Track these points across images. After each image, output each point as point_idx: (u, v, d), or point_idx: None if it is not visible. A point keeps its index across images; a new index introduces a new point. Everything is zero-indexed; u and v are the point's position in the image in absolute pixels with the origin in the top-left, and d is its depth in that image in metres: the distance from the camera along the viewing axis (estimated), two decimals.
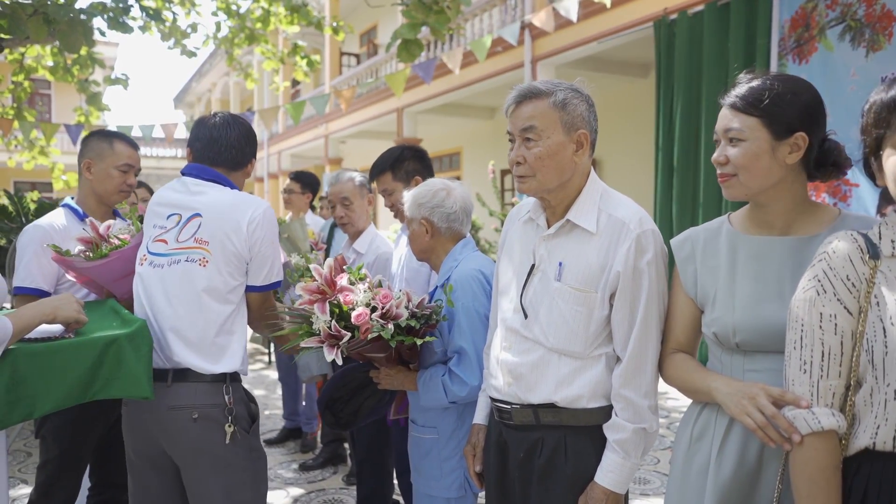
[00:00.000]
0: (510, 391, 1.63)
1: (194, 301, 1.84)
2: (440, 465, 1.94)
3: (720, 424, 1.40)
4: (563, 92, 1.55)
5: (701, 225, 1.56)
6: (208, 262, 1.85)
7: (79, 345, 1.72)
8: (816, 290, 1.19)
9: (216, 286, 1.85)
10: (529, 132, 1.55)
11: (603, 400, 1.57)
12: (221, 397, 1.83)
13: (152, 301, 1.87)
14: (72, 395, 1.73)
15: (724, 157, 1.40)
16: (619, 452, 1.52)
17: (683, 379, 1.48)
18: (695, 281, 1.49)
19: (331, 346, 1.74)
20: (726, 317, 1.39)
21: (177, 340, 1.83)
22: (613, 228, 1.54)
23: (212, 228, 1.86)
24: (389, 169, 2.59)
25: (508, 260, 1.73)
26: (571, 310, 1.55)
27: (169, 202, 1.95)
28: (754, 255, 1.41)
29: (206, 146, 2.00)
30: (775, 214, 1.41)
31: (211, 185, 1.96)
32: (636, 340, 1.51)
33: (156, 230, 1.93)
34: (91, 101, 9.28)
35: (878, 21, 4.82)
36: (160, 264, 1.88)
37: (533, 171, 1.56)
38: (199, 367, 1.82)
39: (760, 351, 1.36)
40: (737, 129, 1.37)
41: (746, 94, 1.38)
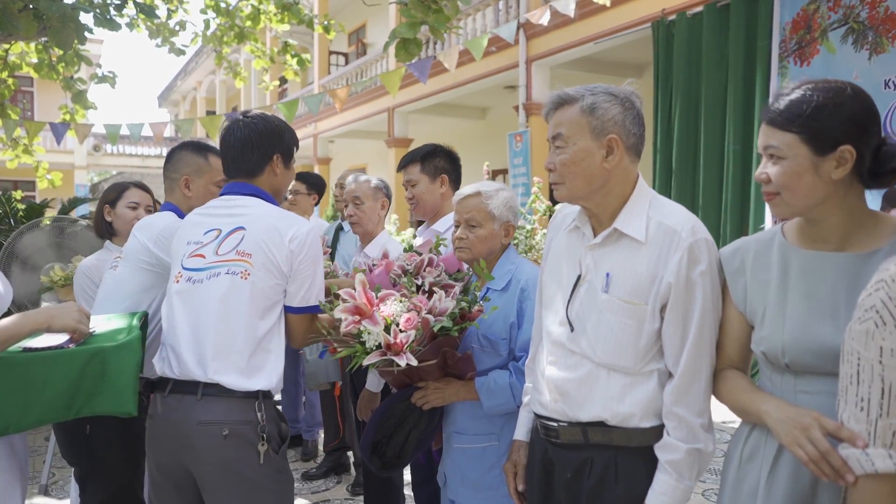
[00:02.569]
0: (557, 408, 1.55)
1: (233, 314, 1.76)
2: (501, 474, 1.84)
3: (770, 447, 1.33)
4: (594, 96, 1.49)
5: (753, 235, 1.49)
6: (250, 274, 1.78)
7: (58, 357, 1.64)
8: (875, 321, 1.10)
9: (257, 300, 1.78)
10: (558, 139, 1.52)
11: (655, 419, 1.49)
12: (254, 414, 1.74)
13: (191, 315, 1.78)
14: (54, 409, 1.65)
15: (765, 175, 1.32)
16: (671, 474, 1.44)
17: (734, 398, 1.41)
18: (744, 295, 1.41)
19: (397, 353, 1.65)
20: (776, 335, 1.32)
21: (214, 354, 1.74)
22: (664, 237, 1.46)
23: (255, 241, 1.80)
24: (420, 160, 2.55)
25: (553, 270, 1.65)
26: (620, 323, 1.47)
27: (205, 220, 1.89)
28: (807, 272, 1.33)
29: (224, 158, 1.95)
30: (829, 230, 1.33)
31: (250, 199, 1.89)
32: (689, 355, 1.44)
33: (190, 247, 1.86)
34: (76, 100, 9.09)
35: (881, 24, 4.81)
36: (198, 279, 1.80)
37: (562, 178, 1.52)
38: (233, 383, 1.73)
39: (812, 372, 1.28)
40: (775, 147, 1.29)
41: (784, 108, 1.30)
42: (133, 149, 23.05)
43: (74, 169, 21.39)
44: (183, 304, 1.80)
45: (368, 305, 1.72)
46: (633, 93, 1.54)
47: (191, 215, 1.96)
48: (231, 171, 1.94)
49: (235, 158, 1.91)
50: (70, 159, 21.37)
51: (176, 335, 1.79)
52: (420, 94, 10.90)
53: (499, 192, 1.98)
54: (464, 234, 1.96)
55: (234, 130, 1.91)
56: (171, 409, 1.75)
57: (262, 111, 1.97)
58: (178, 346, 1.77)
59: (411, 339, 1.66)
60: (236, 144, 1.90)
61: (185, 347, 1.76)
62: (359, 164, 17.88)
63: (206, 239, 1.84)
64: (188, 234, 1.88)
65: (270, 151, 1.92)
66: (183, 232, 1.91)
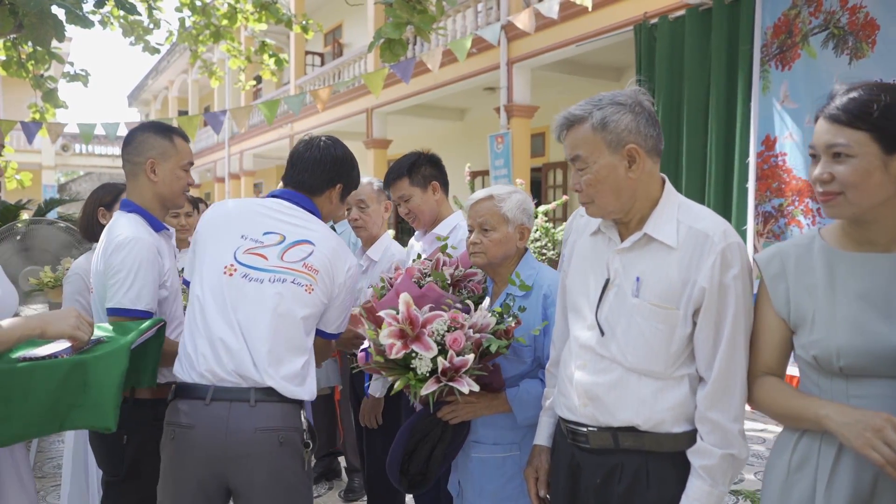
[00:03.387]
0: (586, 412, 1.54)
1: (291, 322, 1.75)
2: (522, 484, 1.80)
3: (826, 453, 1.33)
4: (601, 111, 1.48)
5: (789, 240, 1.49)
6: (314, 290, 1.79)
7: (39, 367, 1.55)
8: None
9: (313, 315, 1.81)
10: (577, 161, 1.51)
11: (687, 424, 1.48)
12: (300, 420, 1.75)
13: (244, 314, 1.74)
14: (37, 422, 1.56)
15: (828, 175, 1.31)
16: (706, 480, 1.44)
17: (781, 405, 1.40)
18: (787, 300, 1.41)
19: (457, 379, 1.60)
20: (828, 339, 1.32)
21: (271, 358, 1.71)
22: (696, 241, 1.46)
23: (323, 259, 1.81)
24: (406, 174, 2.50)
25: (578, 274, 1.64)
26: (651, 327, 1.47)
27: (262, 219, 1.86)
28: (857, 274, 1.34)
29: (291, 167, 1.97)
30: (881, 231, 1.34)
31: (310, 216, 1.91)
32: (722, 360, 1.43)
33: (245, 242, 1.81)
34: (47, 98, 8.87)
35: (861, 29, 4.90)
36: (258, 278, 1.77)
37: (590, 197, 1.51)
38: (287, 389, 1.71)
39: (866, 375, 1.29)
40: (843, 145, 1.28)
41: (852, 106, 1.29)
42: (102, 149, 22.63)
43: (42, 169, 20.91)
44: (234, 299, 1.75)
45: (413, 327, 1.63)
46: (640, 92, 1.53)
47: (240, 205, 1.93)
48: (292, 182, 1.94)
49: (303, 171, 1.92)
50: (38, 159, 20.88)
51: (222, 331, 1.72)
52: (399, 95, 10.86)
53: (511, 194, 1.96)
54: (478, 238, 1.93)
55: (313, 146, 1.95)
56: (217, 418, 1.68)
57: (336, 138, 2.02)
58: (227, 344, 1.70)
59: (470, 364, 1.60)
60: (311, 159, 1.93)
61: (235, 346, 1.70)
62: None
63: (266, 240, 1.81)
64: (241, 227, 1.83)
65: (337, 178, 1.95)
66: (230, 221, 1.86)
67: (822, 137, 1.32)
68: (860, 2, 4.89)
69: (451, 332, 1.63)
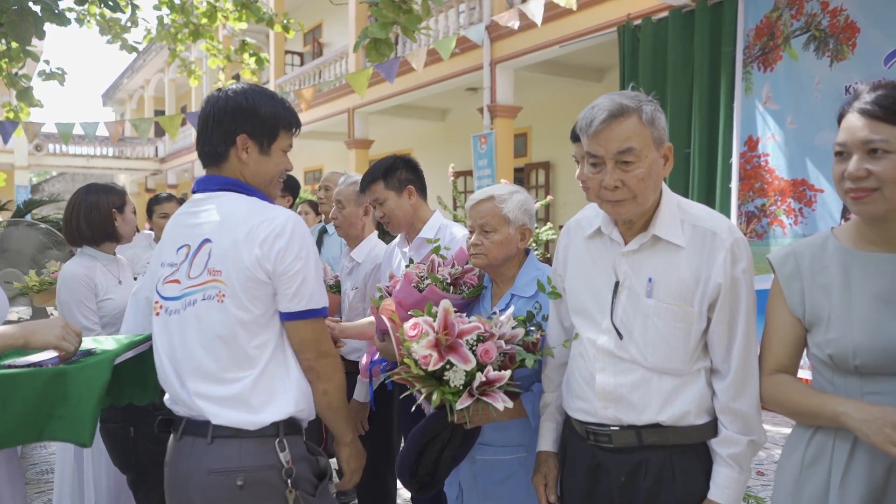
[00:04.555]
0: (608, 413, 1.55)
1: (220, 344, 1.52)
2: (529, 486, 1.79)
3: (841, 449, 1.34)
4: (648, 105, 1.47)
5: (802, 240, 1.50)
6: (225, 295, 1.52)
7: (18, 376, 1.53)
8: None
9: (241, 321, 1.52)
10: (627, 154, 1.44)
11: (707, 415, 1.52)
12: (275, 456, 1.49)
13: (173, 353, 1.57)
14: (15, 431, 1.54)
15: (864, 171, 1.30)
16: (734, 467, 1.47)
17: (795, 402, 1.42)
18: (802, 299, 1.43)
19: (490, 394, 1.56)
20: (845, 338, 1.34)
21: (208, 393, 1.51)
22: (703, 239, 1.48)
23: (222, 252, 1.52)
24: (381, 177, 2.49)
25: (580, 277, 1.64)
26: (669, 326, 1.48)
27: (177, 232, 1.63)
28: (873, 273, 1.36)
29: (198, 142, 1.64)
30: (893, 229, 1.35)
31: (221, 195, 1.60)
32: (740, 351, 1.47)
33: (164, 269, 1.62)
34: (22, 97, 8.69)
35: (841, 31, 4.98)
36: (175, 310, 1.56)
37: (633, 193, 1.46)
38: (238, 420, 1.49)
39: (882, 373, 1.31)
40: (881, 140, 1.28)
41: (888, 102, 1.29)
42: (77, 149, 22.23)
43: (14, 169, 20.50)
44: (166, 338, 1.58)
45: (449, 336, 1.57)
46: None
47: (168, 224, 1.70)
48: (201, 158, 1.65)
49: (201, 138, 1.61)
50: (10, 159, 20.49)
51: (165, 372, 1.59)
52: (381, 95, 10.82)
53: (513, 195, 1.95)
54: (479, 240, 1.92)
55: (204, 105, 1.63)
56: (181, 455, 1.55)
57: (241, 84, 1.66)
58: (170, 383, 1.58)
59: (506, 379, 1.56)
60: (202, 121, 1.61)
61: (176, 384, 1.56)
62: (315, 166, 17.66)
63: (178, 258, 1.59)
64: (163, 253, 1.65)
65: (234, 129, 1.58)
66: (160, 248, 1.68)
67: (857, 133, 1.30)
68: (841, 4, 4.97)
69: (481, 343, 1.59)
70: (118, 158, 23.35)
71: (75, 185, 19.89)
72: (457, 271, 1.99)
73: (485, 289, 2.02)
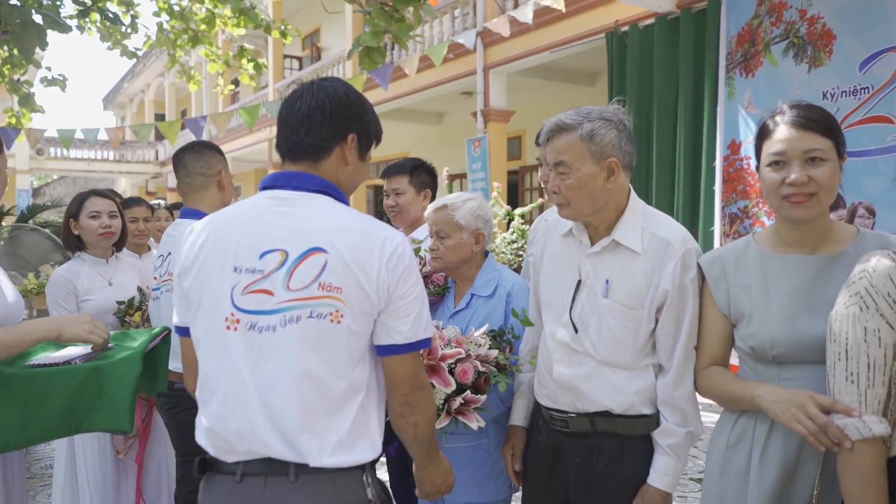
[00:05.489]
0: (565, 401, 1.71)
1: (327, 372, 1.32)
2: (492, 469, 1.97)
3: (760, 431, 1.49)
4: (591, 123, 1.61)
5: (727, 245, 1.65)
6: (343, 316, 1.31)
7: (56, 373, 1.65)
8: (859, 306, 1.29)
9: (353, 349, 1.34)
10: (561, 166, 1.63)
11: (652, 407, 1.67)
12: (362, 492, 1.35)
13: (261, 377, 1.32)
14: (53, 426, 1.65)
15: (806, 177, 1.42)
16: (671, 456, 1.63)
17: (722, 389, 1.57)
18: (727, 298, 1.58)
19: (466, 413, 1.70)
20: (763, 332, 1.49)
21: (304, 427, 1.30)
22: (658, 247, 1.62)
23: (343, 266, 1.32)
24: (409, 172, 2.70)
25: (551, 273, 1.79)
26: (620, 325, 1.63)
27: (256, 233, 1.36)
28: (787, 273, 1.50)
29: (280, 133, 1.44)
30: (813, 233, 1.50)
31: (318, 197, 1.39)
32: (681, 351, 1.62)
33: (241, 276, 1.34)
34: (23, 103, 8.85)
35: (819, 38, 5.13)
36: (267, 326, 1.32)
37: (567, 199, 1.65)
38: (336, 461, 1.31)
39: (795, 362, 1.46)
40: (821, 150, 1.42)
41: (817, 116, 1.45)
42: (77, 152, 22.40)
43: (16, 173, 20.66)
44: (247, 361, 1.32)
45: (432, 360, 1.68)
46: (623, 111, 1.69)
47: (224, 219, 1.42)
48: (286, 148, 1.43)
49: (297, 128, 1.41)
50: (11, 163, 20.59)
51: (240, 403, 1.32)
52: (378, 99, 10.96)
53: (465, 202, 2.08)
54: (435, 244, 2.08)
55: (305, 93, 1.44)
56: (250, 497, 1.32)
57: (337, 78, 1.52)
58: (248, 419, 1.32)
59: (482, 401, 1.70)
60: (303, 109, 1.41)
61: (258, 421, 1.31)
62: None
63: (266, 265, 1.33)
64: (231, 255, 1.35)
65: (346, 126, 1.43)
66: (219, 246, 1.37)
67: (797, 143, 1.44)
68: (818, 12, 5.12)
69: (460, 363, 1.73)
70: (119, 162, 23.53)
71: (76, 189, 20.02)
72: (426, 271, 2.16)
73: (449, 289, 2.17)
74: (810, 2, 5.18)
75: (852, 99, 4.94)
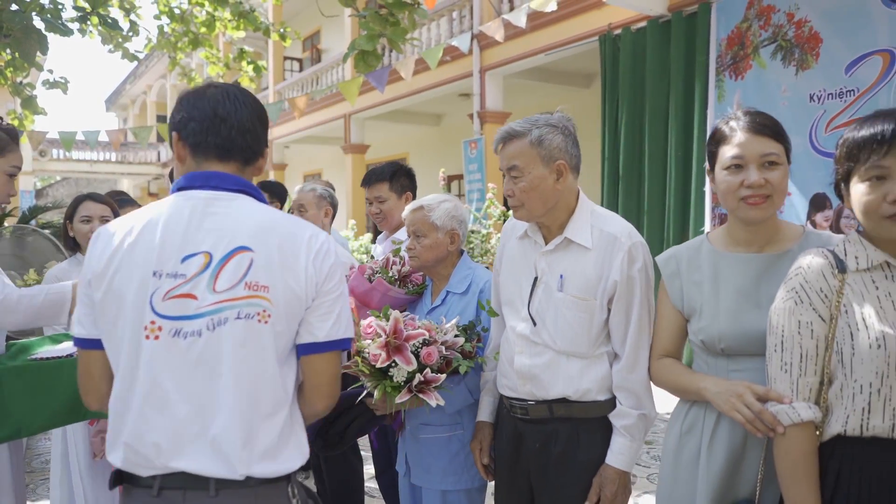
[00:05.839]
0: (525, 390, 1.81)
1: (258, 377, 1.27)
2: (466, 459, 2.05)
3: (709, 419, 1.58)
4: (539, 130, 1.74)
5: (682, 244, 1.75)
6: (271, 315, 1.28)
7: (64, 364, 1.74)
8: (794, 300, 1.38)
9: (282, 348, 1.31)
10: (513, 170, 1.75)
11: (608, 393, 1.77)
12: (285, 498, 1.30)
13: (187, 388, 1.25)
14: (60, 415, 1.75)
15: (763, 180, 1.50)
16: (626, 436, 1.73)
17: (674, 381, 1.66)
18: (681, 294, 1.67)
19: (426, 391, 1.80)
20: (712, 326, 1.58)
21: (242, 440, 1.25)
22: (607, 242, 1.74)
23: (269, 263, 1.29)
24: (388, 179, 2.80)
25: (510, 272, 1.90)
26: (575, 316, 1.74)
27: (175, 235, 1.29)
28: (735, 271, 1.59)
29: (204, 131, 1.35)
30: (762, 233, 1.58)
31: (239, 197, 1.35)
32: (633, 337, 1.72)
33: (161, 281, 1.26)
34: (26, 105, 8.95)
35: (806, 42, 5.22)
36: (192, 331, 1.25)
37: (521, 202, 1.77)
38: (265, 470, 1.26)
39: (742, 354, 1.54)
40: (776, 154, 1.51)
41: (770, 123, 1.54)
42: (80, 154, 22.53)
43: (19, 174, 20.76)
44: (169, 370, 1.25)
45: (397, 339, 1.80)
46: (568, 118, 1.80)
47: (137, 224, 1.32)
48: (219, 149, 1.36)
49: (232, 130, 1.36)
50: None
51: (161, 417, 1.25)
52: (376, 101, 11.06)
53: (441, 203, 2.18)
54: (412, 244, 2.17)
55: (235, 97, 1.38)
56: None
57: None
58: (169, 431, 1.25)
59: (442, 381, 1.81)
60: (238, 113, 1.37)
61: (184, 435, 1.24)
62: (314, 170, 17.90)
63: (188, 269, 1.27)
64: (150, 260, 1.27)
65: (266, 139, 1.45)
66: (131, 255, 1.28)
67: (754, 147, 1.51)
68: (805, 16, 5.21)
69: (426, 346, 1.83)
70: (121, 163, 23.67)
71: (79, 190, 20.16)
72: (405, 271, 2.26)
73: (427, 286, 2.27)
74: (798, 5, 5.26)
75: (838, 101, 5.03)
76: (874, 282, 1.35)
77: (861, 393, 1.31)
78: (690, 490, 1.58)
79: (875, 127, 1.31)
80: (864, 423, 1.31)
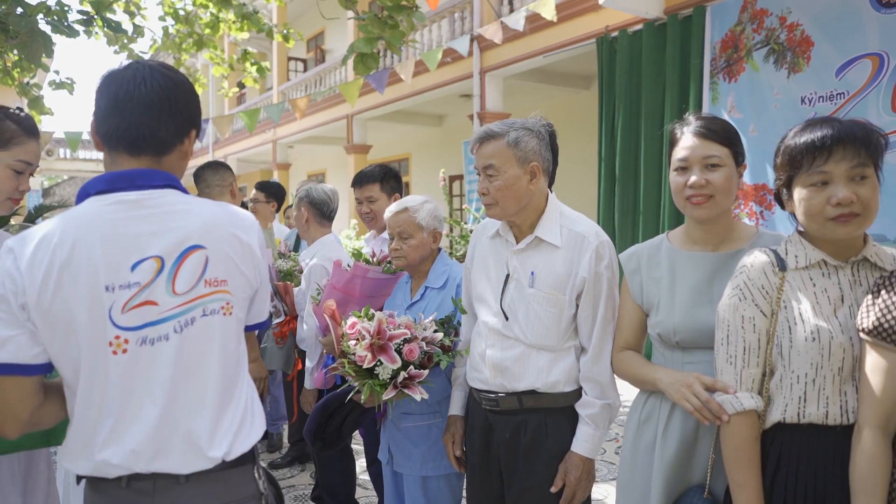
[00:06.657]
0: (496, 382, 1.89)
1: (229, 365, 1.31)
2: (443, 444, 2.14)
3: (664, 409, 1.67)
4: (516, 132, 1.83)
5: (644, 242, 1.84)
6: (233, 306, 1.31)
7: None
8: (738, 297, 1.47)
9: (240, 335, 1.36)
10: (490, 169, 1.84)
11: (574, 384, 1.86)
12: (254, 484, 1.33)
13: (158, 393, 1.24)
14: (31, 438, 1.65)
15: (704, 181, 1.60)
16: (590, 425, 1.82)
17: (632, 372, 1.75)
18: (641, 290, 1.76)
19: (411, 387, 1.89)
20: (668, 320, 1.67)
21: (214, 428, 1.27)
22: (575, 241, 1.83)
23: (223, 257, 1.30)
24: (379, 180, 2.92)
25: (481, 270, 1.99)
26: (545, 311, 1.83)
27: (119, 243, 1.23)
28: (691, 268, 1.68)
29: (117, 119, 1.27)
30: (715, 232, 1.67)
31: (169, 192, 1.30)
32: (598, 331, 1.82)
33: (114, 294, 1.21)
34: (33, 105, 9.08)
35: (797, 45, 5.29)
36: (161, 336, 1.24)
37: (495, 200, 1.85)
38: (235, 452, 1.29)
39: (696, 347, 1.63)
40: (717, 157, 1.60)
41: (717, 127, 1.62)
42: (87, 153, 22.72)
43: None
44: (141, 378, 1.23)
45: (381, 339, 1.90)
46: (544, 124, 1.89)
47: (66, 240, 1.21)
48: (128, 142, 1.28)
49: (139, 119, 1.26)
50: None
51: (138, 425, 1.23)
52: (378, 101, 11.16)
53: (423, 204, 2.28)
54: (398, 245, 2.26)
55: (144, 78, 1.27)
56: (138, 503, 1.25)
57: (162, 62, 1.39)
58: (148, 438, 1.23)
59: (426, 376, 1.90)
60: (148, 96, 1.26)
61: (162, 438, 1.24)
62: (318, 170, 18.03)
63: (141, 276, 1.23)
64: (93, 274, 1.20)
65: (191, 122, 1.34)
66: (70, 273, 1.20)
67: (697, 150, 1.61)
68: (797, 20, 5.28)
69: (407, 343, 1.93)
70: None
71: None
72: (381, 255, 2.44)
73: (405, 283, 2.36)
74: (790, 9, 5.33)
75: (829, 104, 5.09)
76: (812, 279, 1.44)
77: (798, 383, 1.39)
78: (647, 476, 1.67)
79: (815, 133, 1.39)
80: (801, 411, 1.40)
